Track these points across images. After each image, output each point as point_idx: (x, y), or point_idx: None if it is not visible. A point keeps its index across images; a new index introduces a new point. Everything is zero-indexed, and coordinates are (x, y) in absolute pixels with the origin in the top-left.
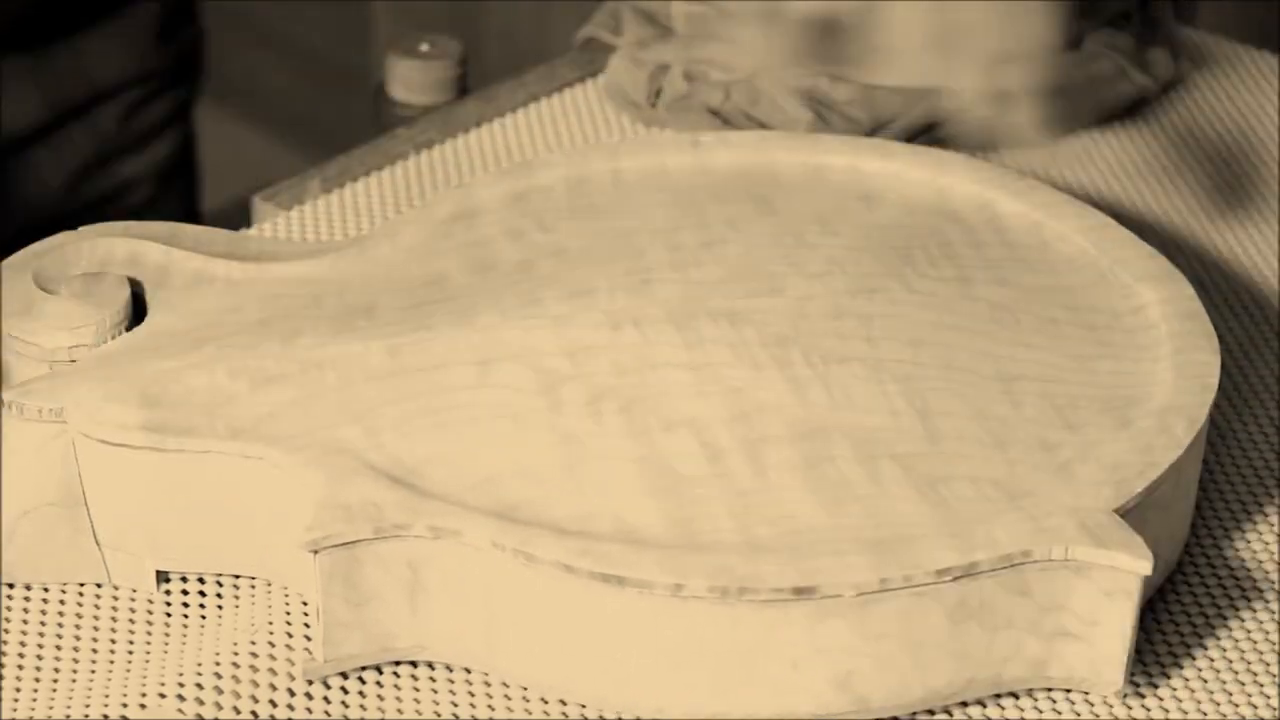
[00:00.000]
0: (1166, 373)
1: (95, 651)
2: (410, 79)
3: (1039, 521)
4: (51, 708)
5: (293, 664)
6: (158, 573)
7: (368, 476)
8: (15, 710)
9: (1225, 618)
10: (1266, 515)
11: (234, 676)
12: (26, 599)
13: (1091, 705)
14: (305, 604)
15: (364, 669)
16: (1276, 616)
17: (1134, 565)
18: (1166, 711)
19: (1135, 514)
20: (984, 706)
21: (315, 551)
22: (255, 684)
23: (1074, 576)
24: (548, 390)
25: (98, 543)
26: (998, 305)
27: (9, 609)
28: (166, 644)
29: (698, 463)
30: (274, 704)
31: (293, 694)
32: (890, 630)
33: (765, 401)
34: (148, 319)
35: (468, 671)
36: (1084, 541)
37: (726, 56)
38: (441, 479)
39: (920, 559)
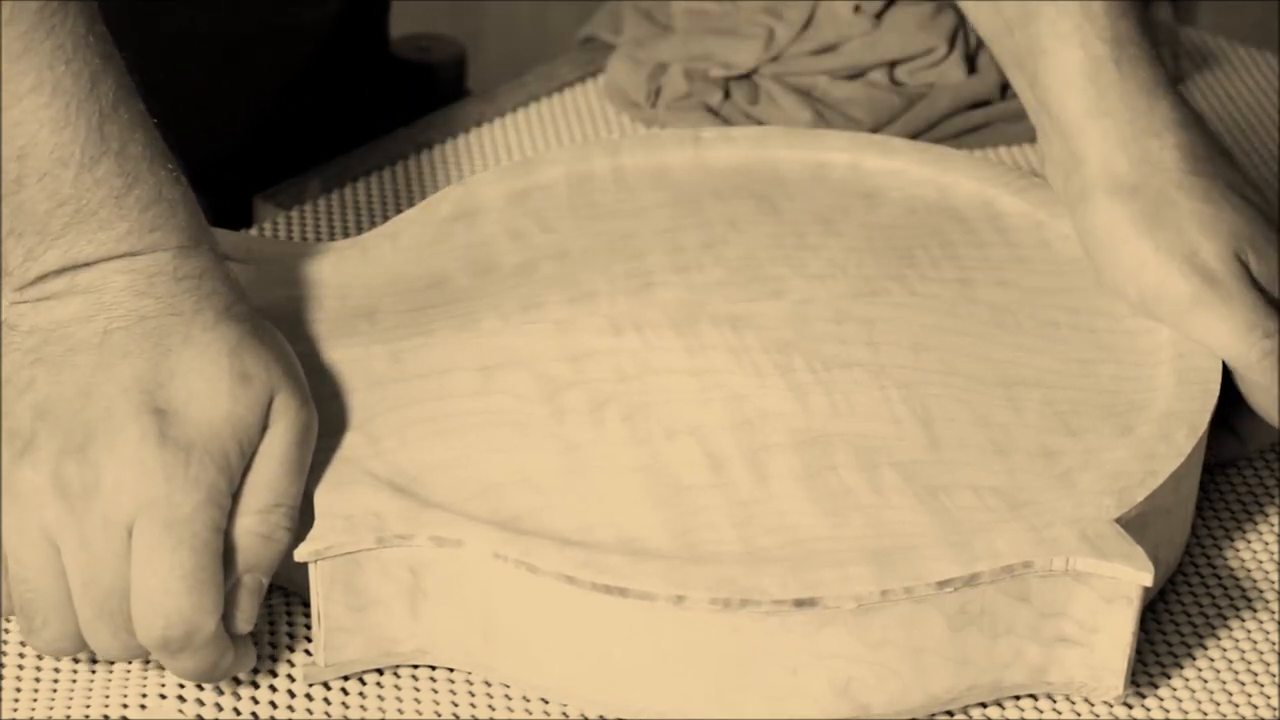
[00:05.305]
0: (1168, 378)
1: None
2: None
3: (1040, 532)
4: (52, 708)
5: (293, 665)
6: None
7: (369, 485)
8: (15, 710)
9: (1225, 618)
10: (1266, 516)
11: (234, 677)
12: None
13: (1092, 705)
14: (306, 605)
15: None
16: (1276, 617)
17: (1135, 577)
18: (1167, 712)
19: (1136, 520)
20: (984, 707)
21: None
22: (255, 684)
23: (1074, 583)
24: (549, 397)
25: None
26: (999, 308)
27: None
28: None
29: (700, 471)
30: (274, 705)
31: (293, 695)
32: (891, 637)
33: (767, 408)
34: None
35: (468, 673)
36: (1085, 552)
37: (726, 53)
38: (443, 487)
39: (921, 570)
